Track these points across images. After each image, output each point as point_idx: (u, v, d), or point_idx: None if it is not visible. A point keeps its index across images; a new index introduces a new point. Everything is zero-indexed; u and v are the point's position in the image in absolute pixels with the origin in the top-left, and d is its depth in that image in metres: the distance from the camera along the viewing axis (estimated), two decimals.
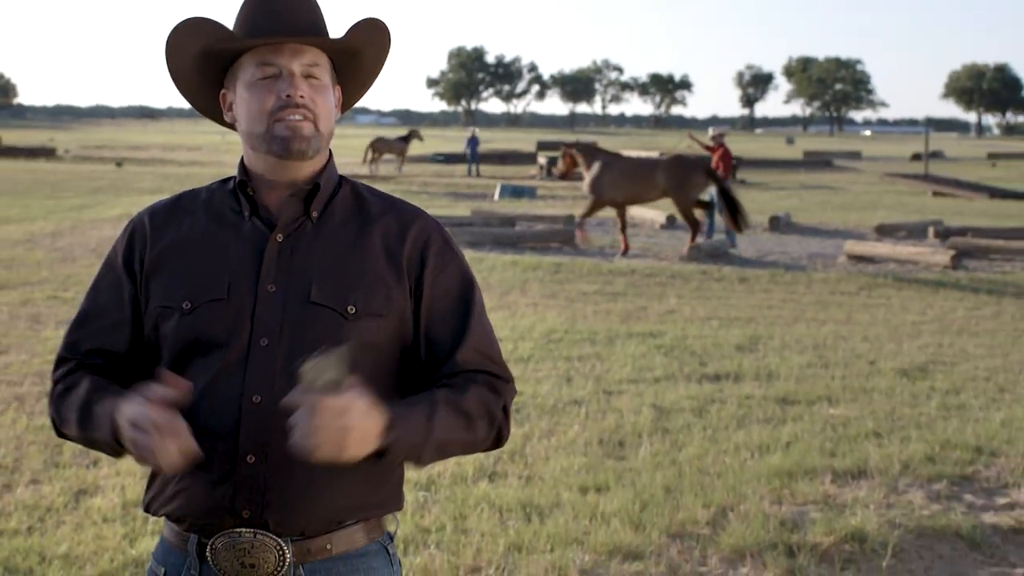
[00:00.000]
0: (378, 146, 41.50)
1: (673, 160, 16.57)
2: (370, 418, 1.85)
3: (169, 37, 2.08)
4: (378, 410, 1.87)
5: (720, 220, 17.45)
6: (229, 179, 2.17)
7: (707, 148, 18.79)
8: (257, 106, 2.04)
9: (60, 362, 2.15)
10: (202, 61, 2.10)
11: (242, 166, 2.13)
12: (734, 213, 15.61)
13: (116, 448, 2.00)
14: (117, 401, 1.95)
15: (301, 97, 2.03)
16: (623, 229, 16.72)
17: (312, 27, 2.06)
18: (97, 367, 2.12)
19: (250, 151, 2.11)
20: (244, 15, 2.08)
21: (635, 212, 22.11)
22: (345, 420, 1.81)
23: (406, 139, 42.92)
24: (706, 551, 5.08)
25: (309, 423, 1.80)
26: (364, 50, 2.15)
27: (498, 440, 2.14)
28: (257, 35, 2.03)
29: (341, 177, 2.19)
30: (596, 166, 16.68)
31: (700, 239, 17.07)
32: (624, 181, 16.43)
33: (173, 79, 2.16)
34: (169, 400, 1.87)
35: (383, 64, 2.22)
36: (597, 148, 17.54)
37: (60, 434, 2.14)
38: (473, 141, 41.07)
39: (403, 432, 1.92)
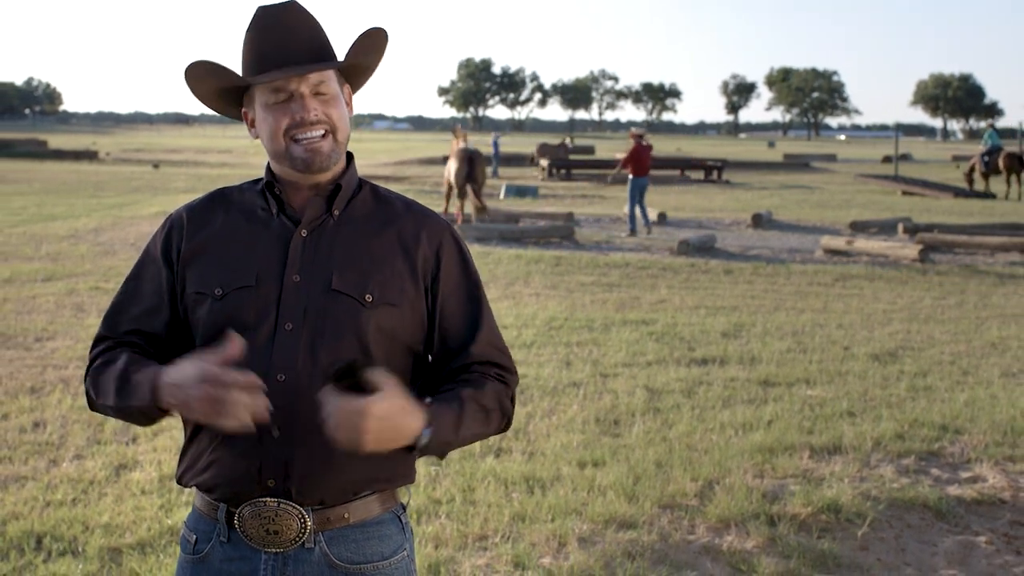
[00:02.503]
0: (542, 151, 44.57)
1: (457, 150, 19.25)
2: (409, 417, 1.88)
3: (185, 79, 2.08)
4: (418, 410, 1.90)
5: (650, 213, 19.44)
6: (258, 180, 2.18)
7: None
8: (274, 126, 2.06)
9: (99, 340, 2.15)
10: (220, 94, 2.13)
11: (269, 169, 2.15)
12: (476, 192, 18.89)
13: (151, 414, 1.98)
14: (159, 369, 1.94)
15: (315, 115, 2.03)
16: (460, 208, 19.60)
17: (315, 49, 2.06)
18: (134, 345, 2.11)
19: (275, 162, 2.13)
20: (250, 45, 2.07)
21: (628, 210, 22.09)
22: (390, 419, 1.83)
23: (564, 145, 46.50)
24: (694, 521, 5.08)
25: (353, 423, 1.81)
26: (365, 57, 2.16)
27: (507, 425, 2.18)
28: (264, 66, 2.04)
29: (360, 179, 2.19)
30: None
31: (644, 231, 18.70)
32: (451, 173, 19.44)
33: (203, 103, 2.16)
34: (230, 360, 1.86)
35: (382, 55, 2.20)
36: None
37: (93, 407, 2.12)
38: (495, 144, 41.30)
39: (438, 431, 1.94)
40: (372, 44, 2.13)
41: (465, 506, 5.17)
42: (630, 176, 19.05)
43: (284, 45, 2.04)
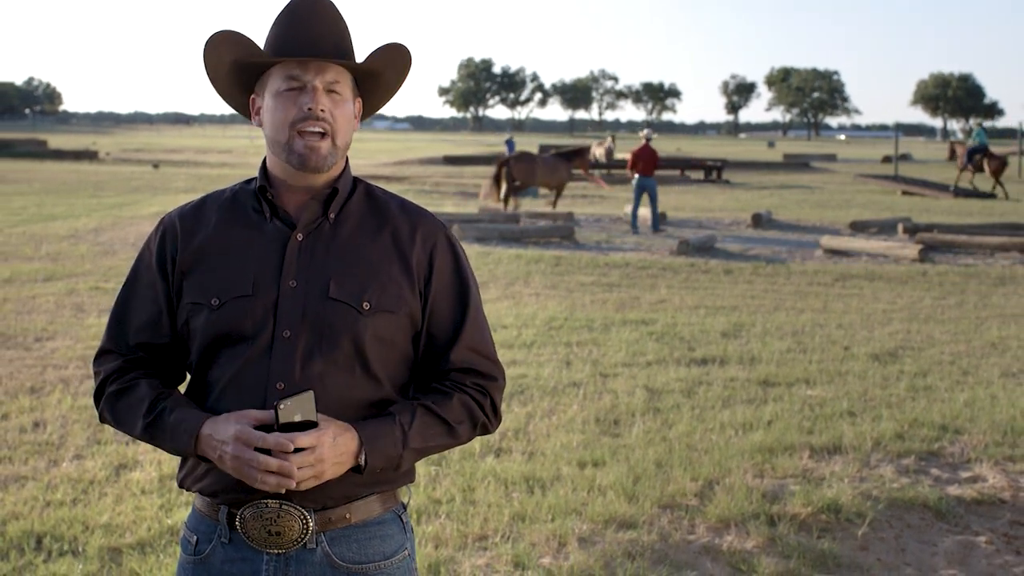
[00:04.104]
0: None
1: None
2: (340, 446, 1.92)
3: (205, 47, 2.08)
4: (348, 435, 1.94)
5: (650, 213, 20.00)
6: (251, 180, 2.17)
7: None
8: (281, 115, 2.04)
9: (104, 354, 2.15)
10: (235, 70, 2.11)
11: (263, 170, 2.13)
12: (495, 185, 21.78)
13: (188, 455, 2.02)
14: (199, 419, 1.98)
15: (322, 111, 2.03)
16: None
17: (337, 47, 2.05)
18: (142, 360, 2.12)
19: (272, 156, 2.11)
20: (276, 30, 2.08)
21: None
22: (317, 454, 1.89)
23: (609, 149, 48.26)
24: (694, 521, 5.07)
25: (285, 465, 1.88)
26: (384, 71, 2.14)
27: (484, 433, 2.18)
28: (286, 52, 2.03)
29: (355, 179, 2.19)
30: None
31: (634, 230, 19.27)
32: None
33: (211, 83, 2.16)
34: (261, 420, 1.92)
35: (403, 81, 2.20)
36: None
37: (105, 422, 2.14)
38: (511, 144, 40.88)
39: (376, 450, 1.98)
40: (392, 56, 2.12)
41: (465, 506, 5.17)
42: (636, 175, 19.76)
43: (310, 35, 2.04)
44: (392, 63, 2.14)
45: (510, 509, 5.11)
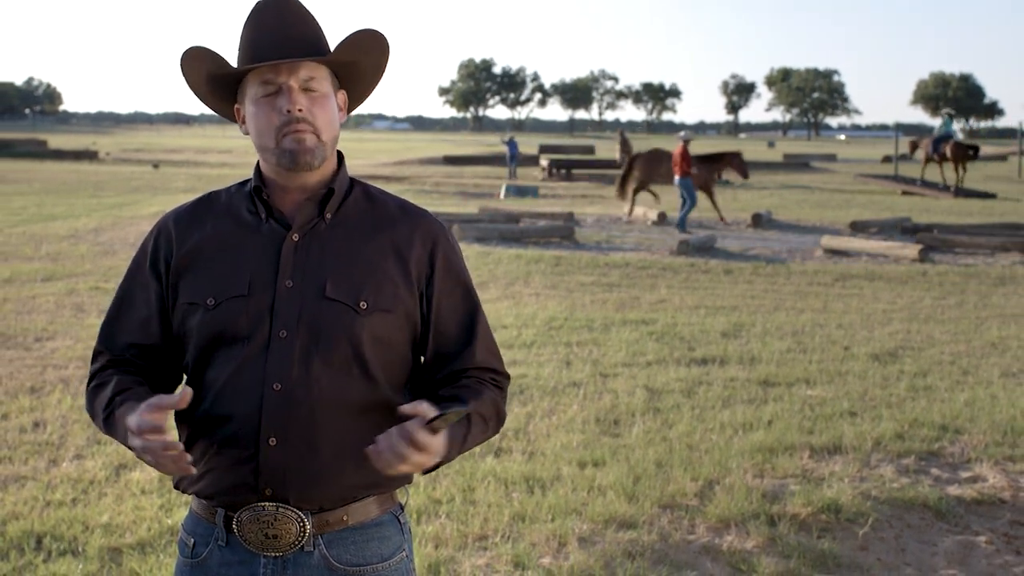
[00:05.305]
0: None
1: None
2: (437, 455, 1.92)
3: (180, 65, 2.08)
4: (442, 442, 1.93)
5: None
6: (246, 182, 2.15)
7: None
8: (263, 122, 2.03)
9: (96, 355, 2.16)
10: (212, 82, 2.10)
11: (258, 172, 2.12)
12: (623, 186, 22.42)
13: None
14: (133, 409, 1.95)
15: (300, 111, 2.01)
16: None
17: (306, 44, 2.04)
18: (129, 361, 2.11)
19: (262, 160, 2.11)
20: (244, 36, 2.06)
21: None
22: (422, 458, 1.88)
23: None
24: (694, 520, 5.07)
25: (399, 449, 1.86)
26: (359, 60, 2.12)
27: (498, 430, 2.19)
28: (254, 58, 2.02)
29: (352, 180, 2.17)
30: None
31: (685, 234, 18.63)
32: None
33: (197, 97, 2.16)
34: (165, 406, 1.88)
35: (384, 67, 2.18)
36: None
37: (90, 418, 2.15)
38: (512, 145, 40.24)
39: (450, 452, 1.98)
40: (363, 43, 2.09)
41: (465, 506, 5.17)
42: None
43: (277, 38, 2.02)
44: (364, 50, 2.10)
45: (510, 509, 5.10)
